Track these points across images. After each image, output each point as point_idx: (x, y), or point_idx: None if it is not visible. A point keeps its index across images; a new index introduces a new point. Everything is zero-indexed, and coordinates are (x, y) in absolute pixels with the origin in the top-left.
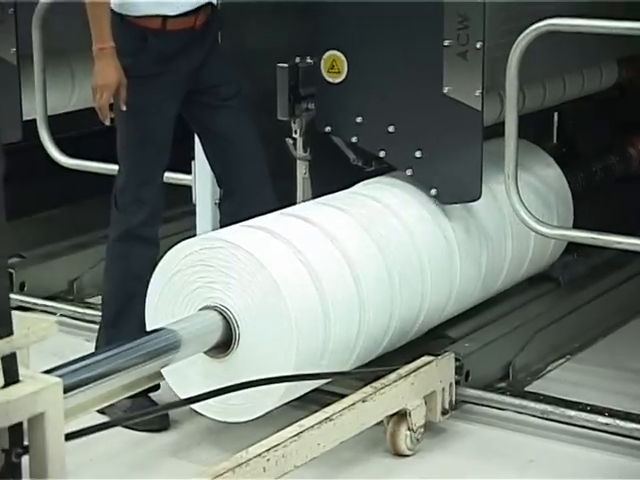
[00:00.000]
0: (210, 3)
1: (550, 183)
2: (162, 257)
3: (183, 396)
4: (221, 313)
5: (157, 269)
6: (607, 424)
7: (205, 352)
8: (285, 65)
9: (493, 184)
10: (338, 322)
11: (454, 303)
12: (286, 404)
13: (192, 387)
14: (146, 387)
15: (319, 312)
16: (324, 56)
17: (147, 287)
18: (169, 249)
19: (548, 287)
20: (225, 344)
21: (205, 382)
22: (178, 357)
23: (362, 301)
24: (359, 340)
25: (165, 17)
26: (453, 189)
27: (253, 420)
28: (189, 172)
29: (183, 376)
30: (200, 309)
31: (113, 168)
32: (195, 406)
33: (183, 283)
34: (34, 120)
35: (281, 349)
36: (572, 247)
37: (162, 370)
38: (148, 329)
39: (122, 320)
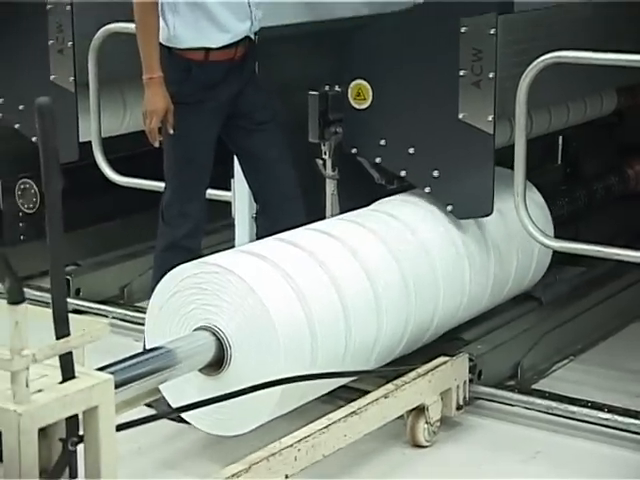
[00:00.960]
0: (248, 37)
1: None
2: (162, 278)
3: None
4: (214, 334)
5: (157, 289)
6: (607, 419)
7: (199, 370)
8: (315, 93)
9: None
10: (326, 342)
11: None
12: (316, 399)
13: (188, 402)
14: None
15: (307, 335)
16: (351, 85)
17: None
18: (170, 269)
19: (552, 296)
20: (218, 363)
21: (200, 398)
22: (175, 374)
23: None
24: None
25: (207, 50)
26: (467, 205)
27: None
28: (229, 189)
29: (180, 392)
30: (195, 329)
31: (160, 185)
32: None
33: (180, 304)
34: (89, 142)
35: (269, 370)
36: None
37: (160, 386)
38: (147, 345)
39: None
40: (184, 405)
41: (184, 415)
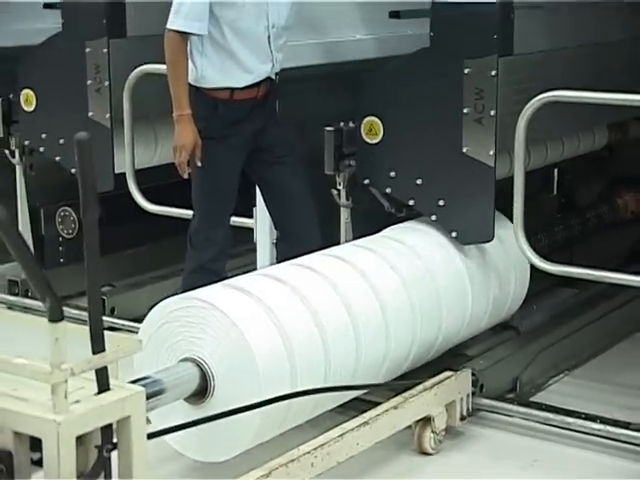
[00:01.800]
0: (269, 77)
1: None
2: (152, 309)
3: (167, 438)
4: (198, 365)
5: (147, 319)
6: (599, 430)
7: (185, 399)
8: (331, 128)
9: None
10: (305, 375)
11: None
12: (330, 410)
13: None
14: None
15: (286, 368)
16: (363, 121)
17: None
18: (160, 301)
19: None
20: (202, 392)
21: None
22: (161, 402)
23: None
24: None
25: (232, 89)
26: (470, 232)
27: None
28: (251, 217)
29: (166, 419)
30: (181, 360)
31: (188, 213)
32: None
33: (168, 335)
34: (124, 173)
35: (249, 400)
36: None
37: (148, 414)
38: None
39: None
40: (166, 428)
41: (170, 441)
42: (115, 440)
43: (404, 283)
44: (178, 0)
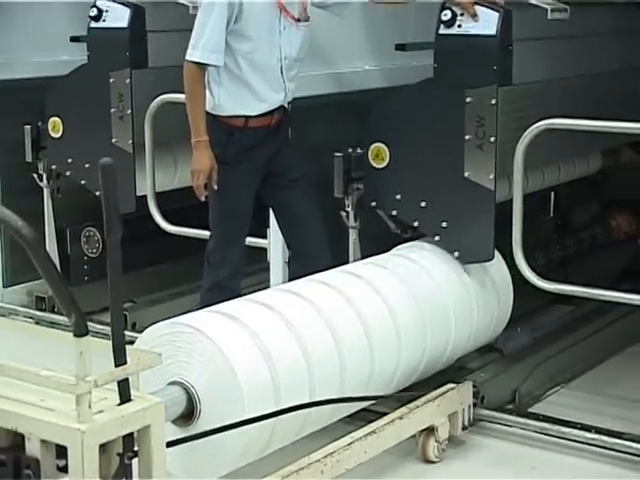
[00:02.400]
0: (282, 106)
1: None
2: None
3: None
4: (185, 389)
5: (137, 342)
6: (593, 439)
7: (172, 421)
8: (340, 154)
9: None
10: (289, 399)
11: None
12: (339, 420)
13: None
14: None
15: (270, 392)
16: (370, 147)
17: None
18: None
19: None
20: (188, 415)
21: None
22: None
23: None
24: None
25: (247, 117)
26: (472, 251)
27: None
28: (265, 237)
29: None
30: (169, 383)
31: (206, 234)
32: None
33: None
34: (145, 196)
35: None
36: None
37: None
38: None
39: None
40: (184, 437)
41: None
42: (136, 448)
43: (389, 308)
44: (196, 33)
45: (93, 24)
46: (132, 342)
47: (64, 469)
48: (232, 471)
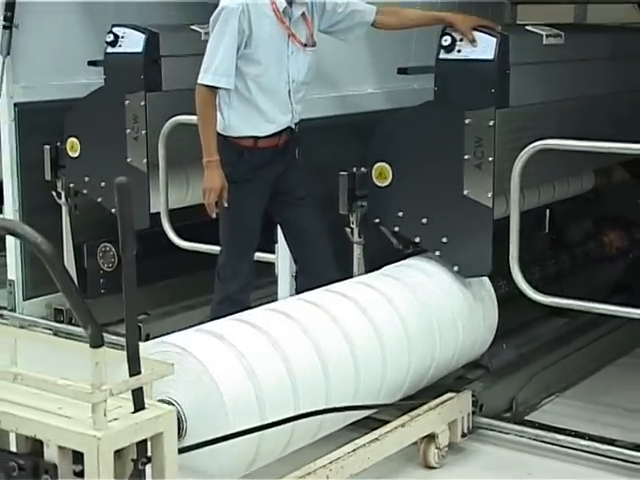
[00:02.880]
0: (290, 127)
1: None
2: None
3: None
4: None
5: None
6: (587, 446)
7: None
8: (345, 173)
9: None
10: (274, 418)
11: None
12: (343, 428)
13: None
14: None
15: (255, 411)
16: (374, 166)
17: None
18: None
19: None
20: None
21: None
22: None
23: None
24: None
25: (256, 138)
26: (471, 266)
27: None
28: (273, 252)
29: None
30: (157, 400)
31: (216, 249)
32: None
33: None
34: (158, 212)
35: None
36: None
37: None
38: None
39: None
40: (196, 443)
41: None
42: (149, 454)
43: (375, 328)
44: (208, 58)
45: (109, 49)
46: None
47: (80, 474)
48: (242, 475)
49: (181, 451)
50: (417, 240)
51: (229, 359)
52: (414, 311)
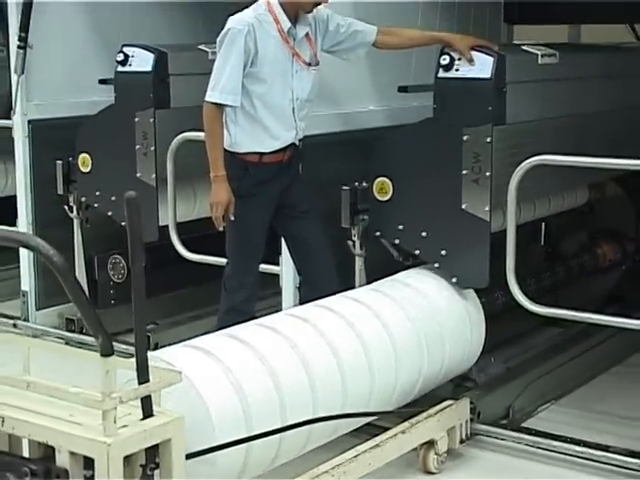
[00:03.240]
0: (294, 143)
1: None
2: None
3: None
4: None
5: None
6: (582, 452)
7: None
8: (347, 188)
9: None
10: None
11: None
12: (345, 434)
13: None
14: None
15: (242, 427)
16: (375, 181)
17: None
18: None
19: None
20: None
21: None
22: None
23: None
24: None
25: (261, 154)
26: (469, 278)
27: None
28: (277, 264)
29: None
30: None
31: (223, 261)
32: None
33: None
34: (167, 225)
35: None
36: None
37: None
38: None
39: None
40: (203, 449)
41: None
42: (158, 460)
43: (362, 342)
44: (215, 76)
45: (120, 68)
46: None
47: (91, 479)
48: None
49: (188, 457)
50: (417, 252)
51: (216, 374)
52: (402, 325)
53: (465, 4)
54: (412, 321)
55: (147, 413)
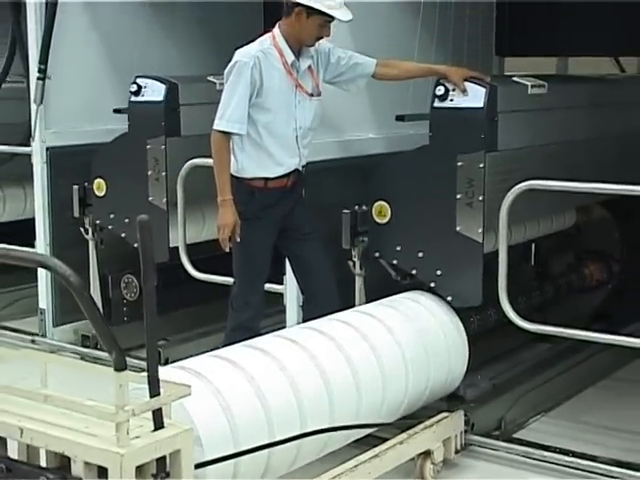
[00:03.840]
0: (297, 169)
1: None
2: None
3: None
4: None
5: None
6: (571, 462)
7: None
8: (347, 211)
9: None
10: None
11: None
12: (347, 445)
13: None
14: None
15: (231, 448)
16: (374, 205)
17: None
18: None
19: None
20: None
21: None
22: None
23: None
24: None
25: (266, 179)
26: (463, 296)
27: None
28: (282, 283)
29: None
30: None
31: (230, 280)
32: None
33: None
34: (177, 247)
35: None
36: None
37: None
38: None
39: None
40: (211, 459)
41: None
42: (168, 469)
43: (350, 365)
44: (222, 106)
45: (133, 98)
46: None
47: None
48: None
49: (197, 467)
50: (414, 272)
51: (205, 396)
52: (389, 349)
53: (459, 37)
54: (399, 344)
55: (158, 425)
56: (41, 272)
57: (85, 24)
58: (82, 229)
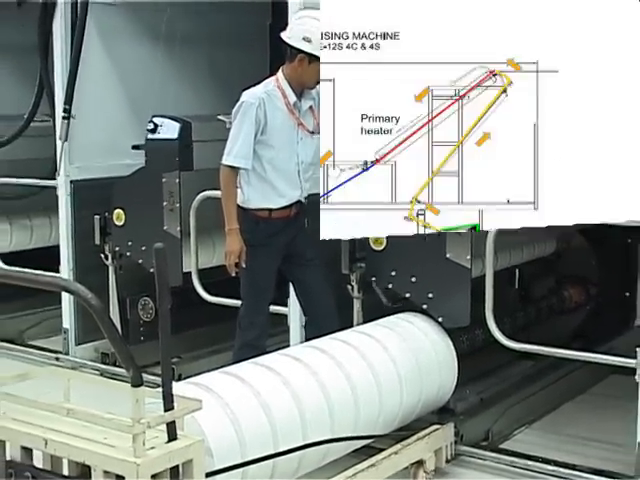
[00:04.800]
0: (299, 201)
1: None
2: None
3: None
4: None
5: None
6: (553, 470)
7: None
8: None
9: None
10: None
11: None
12: (346, 455)
13: None
14: None
15: (239, 459)
16: None
17: None
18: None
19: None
20: None
21: None
22: None
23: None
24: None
25: (270, 210)
26: (452, 317)
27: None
28: (286, 305)
29: None
30: None
31: (237, 303)
32: None
33: None
34: (189, 272)
35: None
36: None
37: None
38: None
39: None
40: (220, 468)
41: None
42: (181, 478)
43: (349, 381)
44: (230, 143)
45: (150, 135)
46: None
47: None
48: None
49: (207, 475)
50: (407, 295)
51: (215, 409)
52: (385, 366)
53: None
54: (394, 362)
55: (172, 436)
56: (64, 295)
57: (106, 68)
58: (102, 255)
